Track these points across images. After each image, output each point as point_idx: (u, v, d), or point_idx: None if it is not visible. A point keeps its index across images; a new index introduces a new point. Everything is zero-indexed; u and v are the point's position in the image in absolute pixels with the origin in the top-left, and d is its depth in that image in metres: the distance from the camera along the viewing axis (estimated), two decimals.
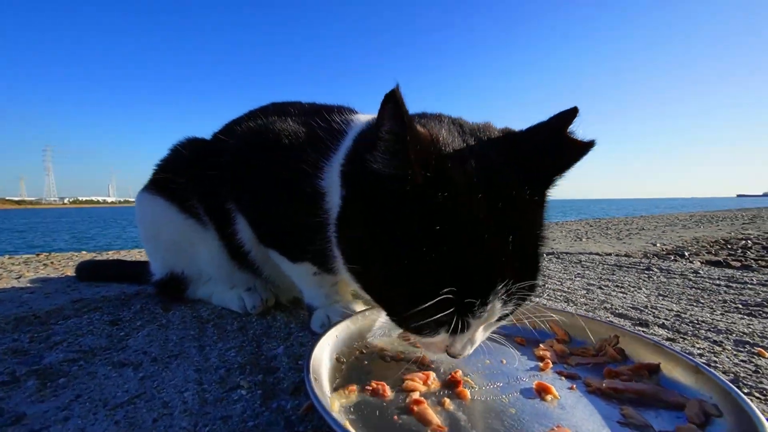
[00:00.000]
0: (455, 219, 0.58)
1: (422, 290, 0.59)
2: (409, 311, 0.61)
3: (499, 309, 0.62)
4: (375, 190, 0.63)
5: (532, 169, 0.63)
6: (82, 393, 0.74)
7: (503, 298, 0.60)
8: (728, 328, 1.09)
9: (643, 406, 0.66)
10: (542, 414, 0.63)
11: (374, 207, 0.64)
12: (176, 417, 0.65)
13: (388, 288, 0.66)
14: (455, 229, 0.58)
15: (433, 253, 0.58)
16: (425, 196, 0.58)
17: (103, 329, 1.10)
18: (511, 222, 0.60)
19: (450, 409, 0.64)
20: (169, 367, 0.85)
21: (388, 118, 0.56)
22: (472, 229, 0.58)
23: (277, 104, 1.24)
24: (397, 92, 0.54)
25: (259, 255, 1.18)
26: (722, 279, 1.73)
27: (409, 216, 0.59)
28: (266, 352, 0.93)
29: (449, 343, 0.67)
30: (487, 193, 0.59)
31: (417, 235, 0.59)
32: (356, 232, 0.69)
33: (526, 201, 0.62)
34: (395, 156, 0.58)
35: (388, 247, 0.62)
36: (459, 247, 0.58)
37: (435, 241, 0.58)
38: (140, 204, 1.25)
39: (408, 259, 0.60)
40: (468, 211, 0.58)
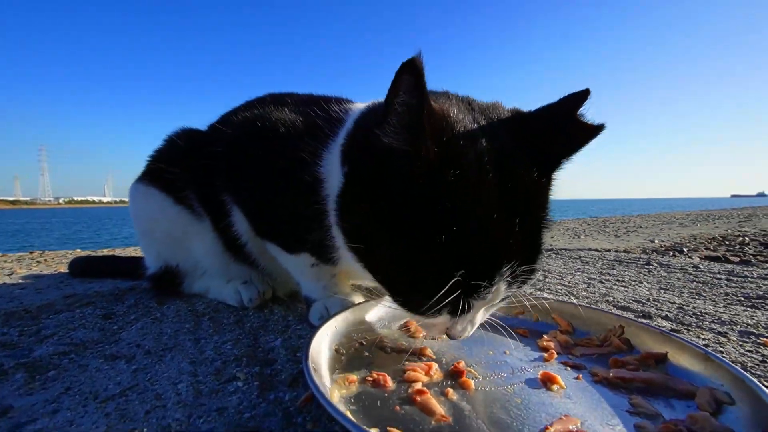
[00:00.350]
0: (465, 199, 0.56)
1: (430, 272, 0.57)
2: (415, 293, 0.60)
3: (504, 290, 0.61)
4: (382, 165, 0.60)
5: (541, 150, 0.62)
6: (72, 386, 0.71)
7: (508, 280, 0.59)
8: (732, 319, 1.07)
9: (651, 395, 0.64)
10: (548, 404, 0.61)
11: (380, 183, 0.61)
12: (170, 409, 0.62)
13: (393, 268, 0.64)
14: (465, 209, 0.56)
15: (441, 234, 0.56)
16: (436, 174, 0.56)
17: (95, 323, 1.07)
18: (519, 203, 0.58)
19: (454, 399, 0.62)
20: (163, 360, 0.82)
21: (406, 89, 0.53)
22: (481, 210, 0.56)
23: (274, 95, 1.22)
24: (418, 61, 0.51)
25: (255, 247, 1.16)
26: (722, 273, 1.72)
27: (419, 193, 0.57)
28: (263, 344, 0.91)
29: (450, 324, 0.66)
30: (497, 174, 0.58)
31: (426, 214, 0.57)
32: (360, 208, 0.66)
33: (534, 182, 0.61)
34: (409, 130, 0.55)
35: (395, 226, 0.60)
36: (468, 227, 0.56)
37: (444, 220, 0.56)
38: (134, 195, 1.22)
39: (415, 239, 0.58)
40: (478, 191, 0.57)
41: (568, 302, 0.97)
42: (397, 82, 0.53)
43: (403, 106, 0.54)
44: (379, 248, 0.64)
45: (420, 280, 0.59)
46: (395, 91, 0.54)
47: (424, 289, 0.59)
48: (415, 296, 0.62)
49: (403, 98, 0.54)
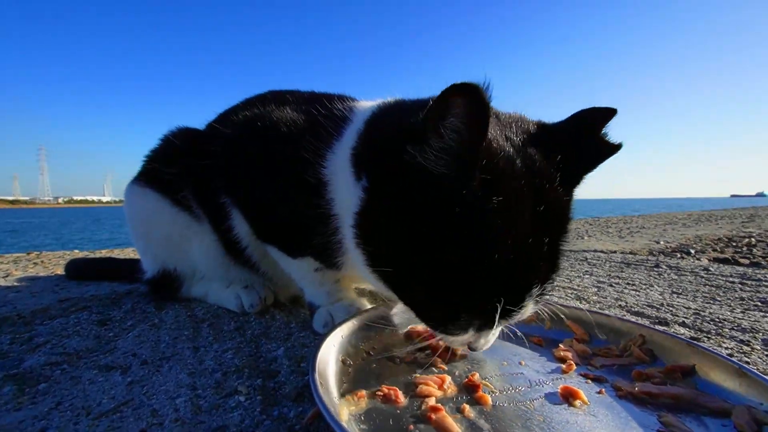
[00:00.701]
0: (504, 224, 0.54)
1: (465, 297, 0.57)
2: (449, 317, 0.59)
3: (531, 309, 0.61)
4: (416, 186, 0.56)
5: (566, 166, 0.60)
6: (63, 400, 0.67)
7: (536, 300, 0.59)
8: (753, 326, 1.03)
9: (681, 412, 0.60)
10: (573, 422, 0.57)
11: (413, 205, 0.58)
12: (167, 427, 0.58)
13: (427, 293, 0.61)
14: (504, 236, 0.54)
15: (479, 260, 0.54)
16: (478, 200, 0.53)
17: (90, 330, 1.03)
18: (548, 223, 0.57)
19: (471, 416, 0.58)
20: (161, 371, 0.78)
21: (460, 115, 0.49)
22: (519, 237, 0.54)
23: (275, 92, 1.18)
24: (482, 92, 0.47)
25: (256, 251, 1.12)
26: (735, 276, 1.68)
27: (458, 220, 0.54)
28: (265, 353, 0.87)
29: (473, 339, 0.65)
30: (531, 196, 0.56)
31: (464, 240, 0.54)
32: (387, 229, 0.63)
33: (561, 200, 0.60)
34: (458, 158, 0.52)
35: (427, 248, 0.57)
36: (506, 254, 0.54)
37: (483, 247, 0.54)
38: (129, 197, 1.18)
39: (449, 262, 0.56)
40: (517, 217, 0.55)
41: (581, 308, 0.93)
42: (446, 103, 0.49)
43: (452, 131, 0.51)
44: (409, 273, 0.61)
45: (454, 306, 0.58)
46: (443, 113, 0.50)
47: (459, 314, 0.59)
48: (447, 320, 0.61)
49: (453, 123, 0.50)
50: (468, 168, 0.52)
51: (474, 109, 0.48)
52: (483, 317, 0.58)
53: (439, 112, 0.50)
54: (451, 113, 0.49)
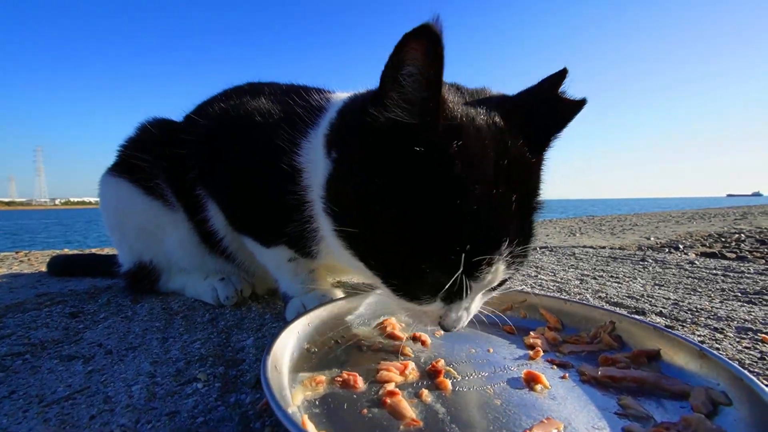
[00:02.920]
0: (468, 172, 0.54)
1: (430, 249, 0.55)
2: (413, 274, 0.57)
3: (503, 272, 0.58)
4: (379, 142, 0.58)
5: (530, 130, 0.61)
6: (17, 389, 0.66)
7: (507, 260, 0.57)
8: (729, 315, 1.03)
9: (643, 395, 0.59)
10: (531, 405, 0.56)
11: (376, 161, 0.59)
12: (117, 413, 0.57)
13: (390, 249, 0.60)
14: (466, 183, 0.54)
15: (442, 209, 0.54)
16: (441, 147, 0.54)
17: (60, 322, 1.01)
18: (515, 180, 0.57)
19: (428, 401, 0.57)
20: (124, 360, 0.77)
21: (416, 59, 0.49)
22: (483, 185, 0.54)
23: (253, 84, 1.17)
24: (433, 27, 0.46)
25: (233, 242, 1.11)
26: (718, 269, 1.68)
27: (420, 168, 0.55)
28: (234, 343, 0.85)
29: (443, 312, 0.62)
30: (495, 150, 0.56)
31: (426, 188, 0.54)
32: (352, 190, 0.63)
33: (528, 161, 0.60)
34: (418, 103, 0.52)
35: (392, 203, 0.57)
36: (470, 203, 0.53)
37: (446, 195, 0.54)
38: (103, 187, 1.16)
39: (414, 216, 0.55)
40: (480, 165, 0.55)
41: (557, 297, 0.93)
42: (402, 53, 0.49)
43: (410, 78, 0.51)
44: (373, 229, 0.61)
45: (419, 259, 0.56)
46: (399, 63, 0.50)
47: (423, 269, 0.56)
48: (413, 278, 0.59)
49: (410, 70, 0.50)
50: (431, 111, 0.52)
51: (429, 49, 0.48)
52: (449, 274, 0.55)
53: (395, 63, 0.50)
54: (407, 61, 0.50)
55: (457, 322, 0.63)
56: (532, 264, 1.85)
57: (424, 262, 0.56)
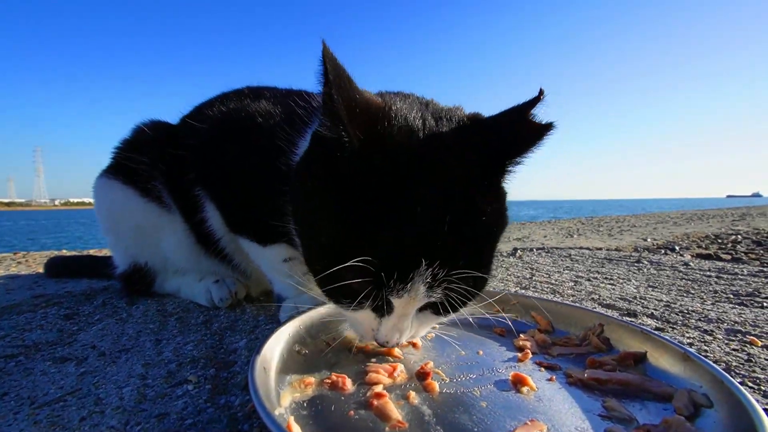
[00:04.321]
0: (388, 185, 0.54)
1: (339, 251, 0.55)
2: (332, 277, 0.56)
3: (423, 292, 0.56)
4: (318, 151, 0.62)
5: (486, 152, 0.58)
6: (9, 391, 0.66)
7: (428, 282, 0.55)
8: (719, 317, 1.04)
9: (627, 397, 0.60)
10: (516, 407, 0.57)
11: (317, 164, 0.63)
12: (107, 415, 0.58)
13: (314, 246, 0.63)
14: (386, 195, 0.54)
15: (360, 219, 0.54)
16: (360, 159, 0.55)
17: (55, 323, 1.02)
18: (451, 202, 0.55)
19: (414, 403, 0.58)
20: (117, 362, 0.78)
21: (325, 78, 0.53)
22: (403, 200, 0.54)
23: (252, 88, 1.18)
24: (325, 50, 0.52)
25: (230, 243, 1.12)
26: (713, 270, 1.69)
27: (344, 177, 0.56)
28: (227, 345, 0.86)
29: (375, 326, 0.64)
30: (430, 168, 0.55)
31: (349, 198, 0.56)
32: (300, 187, 0.67)
33: (474, 183, 0.57)
34: (332, 118, 0.55)
35: (319, 206, 0.60)
36: (386, 215, 0.54)
37: (363, 206, 0.54)
38: (98, 189, 1.17)
39: (337, 221, 0.57)
40: (404, 180, 0.54)
41: (549, 300, 0.93)
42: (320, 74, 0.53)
43: (326, 96, 0.54)
44: (308, 228, 0.65)
45: (338, 264, 0.55)
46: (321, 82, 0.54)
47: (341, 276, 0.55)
48: (334, 283, 0.59)
49: (325, 89, 0.54)
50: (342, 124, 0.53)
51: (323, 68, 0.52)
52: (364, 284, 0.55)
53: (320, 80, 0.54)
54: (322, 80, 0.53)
55: (388, 338, 0.63)
56: (528, 266, 1.86)
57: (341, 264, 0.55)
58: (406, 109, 0.60)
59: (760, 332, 0.92)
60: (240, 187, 0.97)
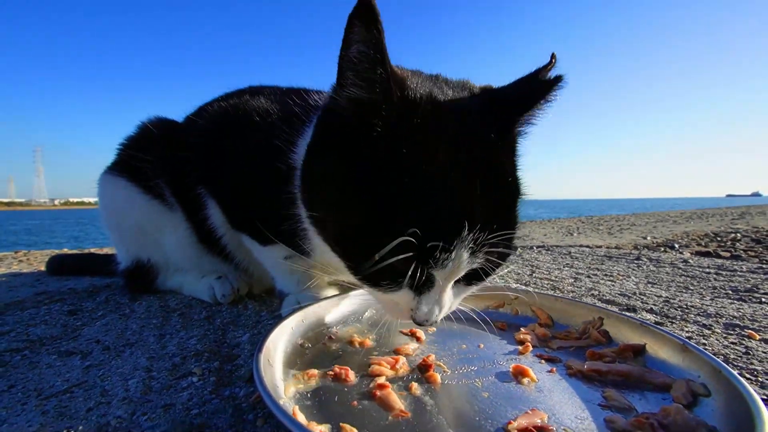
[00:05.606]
0: (422, 152, 0.53)
1: (381, 230, 0.53)
2: (368, 259, 0.55)
3: (467, 260, 0.55)
4: (340, 124, 0.58)
5: (500, 111, 0.59)
6: (16, 383, 0.67)
7: (470, 247, 0.54)
8: (718, 312, 1.04)
9: (627, 388, 0.61)
10: (517, 397, 0.58)
11: (337, 142, 0.59)
12: (113, 406, 0.59)
13: (347, 230, 0.60)
14: (421, 162, 0.53)
15: (395, 189, 0.53)
16: (397, 121, 0.53)
17: (59, 319, 1.03)
18: (480, 164, 0.55)
19: (417, 393, 0.59)
20: (121, 356, 0.78)
21: (360, 37, 0.50)
22: (439, 166, 0.53)
23: (254, 87, 1.19)
24: (371, 5, 0.47)
25: (231, 240, 1.12)
26: (712, 267, 1.69)
27: (375, 145, 0.54)
28: (230, 340, 0.87)
29: (414, 305, 0.61)
30: (455, 130, 0.55)
31: (380, 167, 0.54)
32: (317, 173, 0.64)
33: (494, 143, 0.58)
34: (371, 77, 0.52)
35: (349, 185, 0.57)
36: (424, 183, 0.52)
37: (399, 175, 0.53)
38: (102, 186, 1.18)
39: (369, 195, 0.55)
40: (436, 146, 0.54)
41: (549, 295, 0.94)
42: (348, 34, 0.51)
43: (360, 55, 0.51)
44: (335, 212, 0.61)
45: (374, 245, 0.53)
46: (347, 44, 0.51)
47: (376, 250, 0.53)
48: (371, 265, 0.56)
49: (358, 47, 0.51)
50: (383, 85, 0.52)
51: (368, 23, 0.49)
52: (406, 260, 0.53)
53: (345, 43, 0.51)
54: (353, 39, 0.50)
55: (428, 316, 0.61)
56: (528, 263, 1.86)
57: (380, 245, 0.53)
58: (419, 79, 0.60)
59: (758, 326, 0.93)
60: (239, 186, 0.97)
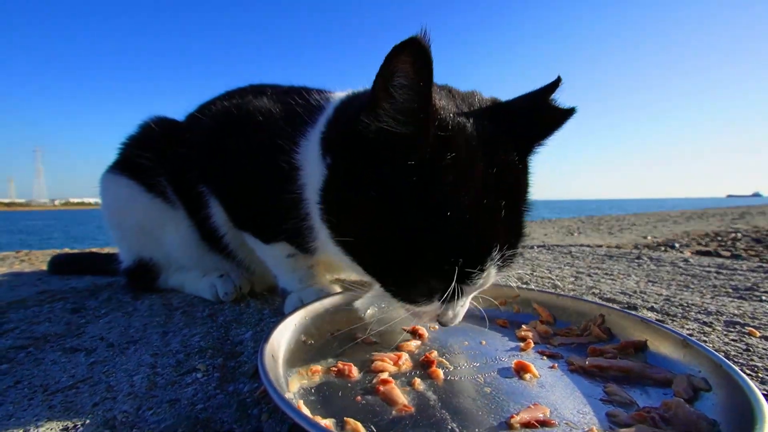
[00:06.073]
0: (458, 184, 0.55)
1: (424, 260, 0.57)
2: (409, 282, 0.60)
3: (494, 275, 0.61)
4: (373, 152, 0.58)
5: (518, 135, 0.62)
6: (22, 379, 0.67)
7: (498, 264, 0.59)
8: (718, 310, 1.05)
9: (629, 383, 0.61)
10: (519, 393, 0.58)
11: (370, 171, 0.59)
12: (119, 401, 0.59)
13: (386, 259, 0.62)
14: (458, 194, 0.55)
15: (435, 221, 0.55)
16: (433, 158, 0.55)
17: (62, 317, 1.03)
18: (504, 187, 0.58)
19: (420, 389, 0.59)
20: (126, 353, 0.79)
21: (406, 71, 0.50)
22: (473, 195, 0.56)
23: (255, 85, 1.20)
24: (422, 41, 0.47)
25: (234, 239, 1.13)
26: (712, 266, 1.70)
27: (414, 179, 0.56)
28: (233, 337, 0.87)
29: (441, 311, 0.65)
30: (484, 158, 0.58)
31: (420, 200, 0.56)
32: (347, 200, 0.64)
33: (516, 166, 0.61)
34: (409, 113, 0.53)
35: (387, 214, 0.58)
36: (460, 213, 0.55)
37: (439, 207, 0.55)
38: (104, 185, 1.18)
39: (409, 227, 0.57)
40: (470, 176, 0.56)
41: (550, 292, 0.95)
42: (392, 65, 0.50)
43: (402, 90, 0.52)
44: (369, 239, 0.63)
45: (414, 269, 0.58)
46: (390, 74, 0.51)
47: (419, 279, 0.59)
48: (410, 286, 0.62)
49: (401, 81, 0.51)
50: (422, 122, 0.53)
51: (418, 61, 0.48)
52: (444, 281, 0.58)
53: (386, 74, 0.51)
54: (398, 72, 0.50)
55: (454, 319, 0.67)
56: (529, 262, 1.87)
57: (420, 271, 0.59)
58: (445, 102, 0.61)
59: (758, 324, 0.94)
60: (241, 184, 0.97)
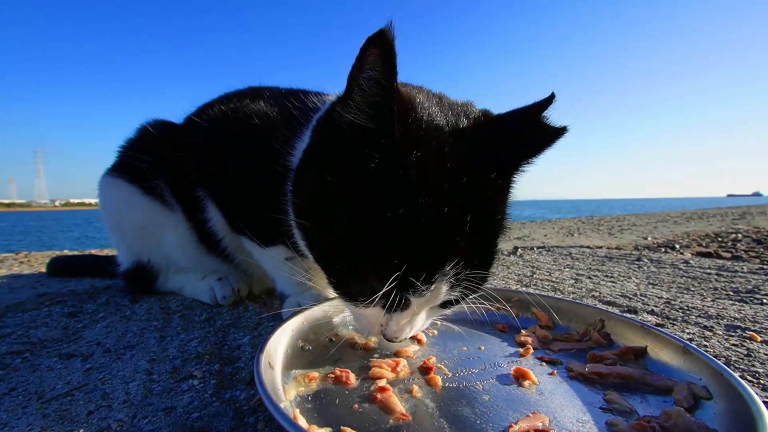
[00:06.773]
0: (418, 185, 0.53)
1: (368, 255, 0.54)
2: (350, 276, 0.56)
3: (444, 292, 0.57)
4: (340, 140, 0.57)
5: (503, 151, 0.59)
6: (17, 386, 0.67)
7: (450, 281, 0.55)
8: (719, 313, 1.04)
9: (628, 390, 0.60)
10: (518, 400, 0.58)
11: (335, 158, 0.58)
12: (114, 409, 0.58)
13: (333, 247, 0.60)
14: (416, 195, 0.53)
15: (387, 217, 0.52)
16: (396, 154, 0.53)
17: (60, 321, 1.03)
18: (473, 202, 0.55)
19: (418, 396, 0.59)
20: (122, 358, 0.78)
21: (373, 65, 0.50)
22: (434, 200, 0.53)
23: (254, 88, 1.19)
24: (387, 34, 0.47)
25: (232, 242, 1.12)
26: (713, 268, 1.69)
27: (373, 172, 0.54)
28: (231, 342, 0.87)
29: (384, 321, 0.62)
30: (455, 168, 0.55)
31: (376, 194, 0.54)
32: (309, 182, 0.64)
33: (492, 183, 0.58)
34: (376, 107, 0.52)
35: (342, 202, 0.57)
36: (416, 216, 0.52)
37: (393, 203, 0.52)
38: (103, 188, 1.18)
39: (360, 218, 0.55)
40: (433, 180, 0.54)
41: (549, 296, 0.94)
42: (362, 57, 0.50)
43: (370, 82, 0.51)
44: (322, 223, 0.61)
45: (357, 262, 0.55)
46: (360, 66, 0.51)
47: (360, 273, 0.55)
48: (350, 280, 0.59)
49: (370, 74, 0.51)
50: (388, 115, 0.52)
51: (382, 53, 0.48)
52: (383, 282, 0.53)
53: (357, 66, 0.51)
54: (367, 65, 0.50)
55: (397, 334, 0.62)
56: (529, 264, 1.86)
57: (363, 264, 0.55)
58: (427, 103, 0.60)
59: (759, 328, 0.93)
60: (239, 188, 0.97)
